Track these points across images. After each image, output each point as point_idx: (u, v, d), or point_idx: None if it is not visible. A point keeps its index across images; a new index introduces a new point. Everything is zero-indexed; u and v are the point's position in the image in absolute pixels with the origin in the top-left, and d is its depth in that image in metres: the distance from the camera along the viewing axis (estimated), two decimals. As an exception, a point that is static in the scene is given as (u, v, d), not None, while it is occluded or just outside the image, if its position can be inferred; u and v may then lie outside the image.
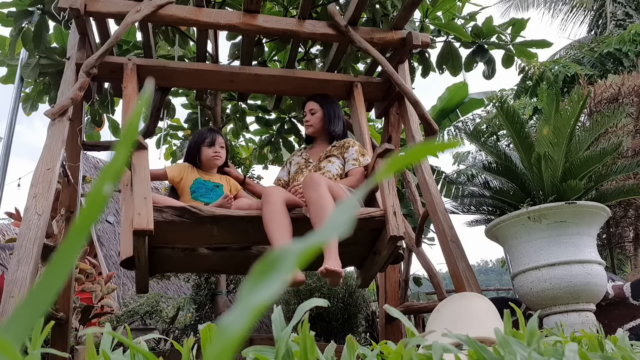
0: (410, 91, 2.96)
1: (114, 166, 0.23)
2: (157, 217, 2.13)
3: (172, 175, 2.67)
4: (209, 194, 2.65)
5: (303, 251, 0.23)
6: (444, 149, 0.29)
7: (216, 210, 2.29)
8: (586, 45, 9.18)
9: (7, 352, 0.22)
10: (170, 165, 2.76)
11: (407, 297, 3.46)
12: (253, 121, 4.70)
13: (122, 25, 2.65)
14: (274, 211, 2.23)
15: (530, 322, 0.78)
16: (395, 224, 2.28)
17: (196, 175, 2.70)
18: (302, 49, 3.80)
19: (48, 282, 0.22)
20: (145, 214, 2.05)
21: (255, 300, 0.22)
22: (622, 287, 3.40)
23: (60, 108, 2.51)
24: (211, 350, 0.22)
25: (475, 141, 3.50)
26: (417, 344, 0.73)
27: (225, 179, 2.80)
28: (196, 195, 2.63)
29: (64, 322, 2.98)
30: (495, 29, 3.62)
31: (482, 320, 1.73)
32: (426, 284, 6.37)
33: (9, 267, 2.03)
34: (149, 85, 0.27)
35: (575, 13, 12.93)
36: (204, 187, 2.67)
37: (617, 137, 4.45)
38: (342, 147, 2.78)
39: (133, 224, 2.03)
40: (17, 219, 4.28)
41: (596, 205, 2.68)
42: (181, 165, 2.75)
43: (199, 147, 2.76)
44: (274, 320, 0.68)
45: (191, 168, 2.74)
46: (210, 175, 2.75)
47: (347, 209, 0.25)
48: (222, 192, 2.66)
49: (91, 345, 0.64)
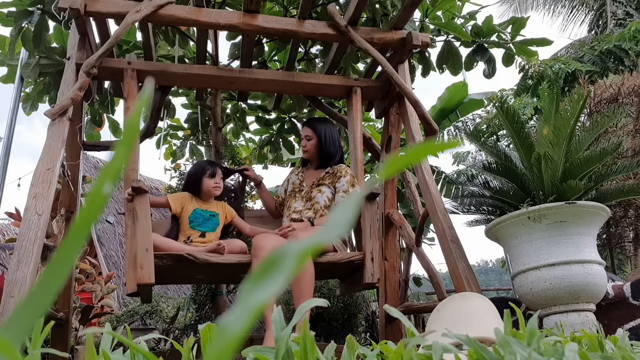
0: (410, 91, 2.96)
1: (113, 166, 0.23)
2: (157, 263, 2.35)
3: (175, 206, 2.89)
4: (206, 223, 2.89)
5: (302, 252, 0.23)
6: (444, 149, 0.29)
7: (210, 257, 2.48)
8: (587, 44, 9.18)
9: (7, 351, 0.22)
10: (172, 196, 2.97)
11: (407, 297, 3.46)
12: (253, 121, 4.70)
13: (122, 25, 2.65)
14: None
15: (530, 322, 0.78)
16: (372, 271, 2.53)
17: (195, 206, 2.92)
18: (302, 49, 3.80)
19: (48, 281, 0.22)
20: (147, 267, 2.27)
21: (255, 300, 0.22)
22: (622, 287, 3.40)
23: (60, 108, 2.51)
24: (211, 350, 0.22)
25: (475, 141, 3.50)
26: (417, 344, 0.73)
27: (220, 207, 3.01)
28: (194, 225, 2.86)
29: (64, 322, 2.98)
30: (495, 27, 3.61)
31: (482, 320, 1.73)
32: (426, 284, 6.37)
33: (9, 267, 2.03)
34: (148, 84, 0.27)
35: (575, 13, 12.94)
36: (201, 217, 2.91)
37: (617, 137, 4.45)
38: (334, 176, 2.95)
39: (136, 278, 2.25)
40: (17, 219, 4.28)
41: (596, 205, 2.68)
42: (182, 196, 2.96)
43: (200, 179, 2.95)
44: (274, 320, 0.68)
45: (191, 198, 2.95)
46: (207, 205, 2.96)
47: (347, 209, 0.25)
48: (217, 221, 2.93)
49: (91, 345, 0.64)
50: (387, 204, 3.42)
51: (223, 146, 4.52)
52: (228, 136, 5.08)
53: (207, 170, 2.97)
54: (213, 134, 4.34)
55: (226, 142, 5.01)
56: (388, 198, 3.43)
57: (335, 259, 2.63)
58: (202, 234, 2.84)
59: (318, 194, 2.91)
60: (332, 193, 2.92)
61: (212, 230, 2.89)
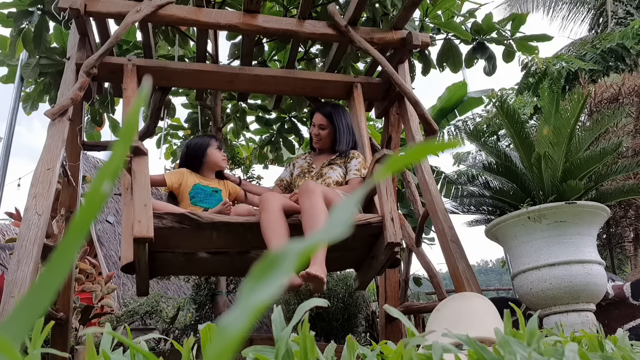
0: (410, 91, 2.95)
1: (112, 165, 0.23)
2: (157, 224, 2.16)
3: (171, 181, 2.69)
4: (208, 199, 2.68)
5: (302, 252, 0.23)
6: (444, 149, 0.29)
7: (215, 216, 2.31)
8: (588, 43, 9.16)
9: (7, 351, 0.22)
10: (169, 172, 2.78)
11: (407, 297, 3.46)
12: (253, 120, 4.70)
13: (122, 25, 2.65)
14: (271, 218, 2.24)
15: (530, 322, 0.78)
16: (393, 231, 2.28)
17: (195, 180, 2.72)
18: (302, 49, 3.80)
19: (47, 280, 0.22)
20: (145, 221, 2.08)
21: (255, 300, 0.22)
22: (622, 287, 3.40)
23: (60, 108, 2.51)
24: (211, 350, 0.22)
25: (475, 141, 3.49)
26: (417, 344, 0.73)
27: (223, 184, 2.82)
28: (195, 201, 2.66)
29: (64, 322, 2.98)
30: (495, 25, 3.62)
31: (482, 320, 1.73)
32: (426, 284, 6.37)
33: (9, 267, 2.03)
34: (146, 82, 0.27)
35: (575, 12, 12.93)
36: (203, 192, 2.70)
37: (617, 137, 4.45)
38: (346, 156, 2.80)
39: (133, 232, 2.06)
40: (17, 219, 4.28)
41: (596, 205, 2.68)
42: (179, 171, 2.76)
43: (205, 150, 2.78)
44: (274, 320, 0.68)
45: (189, 173, 2.75)
46: (208, 181, 2.77)
47: (346, 210, 0.25)
48: (220, 197, 2.69)
49: (91, 345, 0.64)
50: (387, 204, 3.42)
51: (223, 146, 4.52)
52: (228, 136, 5.08)
53: (213, 142, 2.82)
54: (213, 133, 4.34)
55: (226, 142, 5.01)
56: (388, 198, 3.43)
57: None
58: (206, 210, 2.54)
59: (330, 170, 2.75)
60: (344, 172, 2.76)
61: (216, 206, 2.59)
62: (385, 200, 2.36)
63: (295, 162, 3.02)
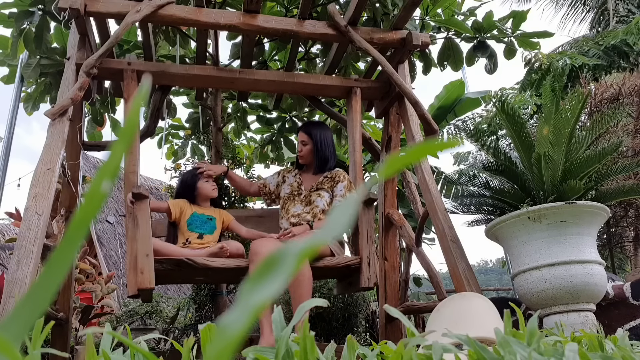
0: (410, 91, 2.96)
1: (111, 164, 0.23)
2: (157, 267, 2.38)
3: (175, 212, 2.96)
4: (203, 226, 2.98)
5: (301, 252, 0.23)
6: (444, 149, 0.29)
7: (209, 262, 2.51)
8: (591, 40, 9.14)
9: (7, 351, 0.22)
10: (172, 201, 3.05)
11: (407, 297, 3.45)
12: (254, 120, 4.70)
13: (122, 26, 2.65)
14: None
15: (530, 322, 0.78)
16: (368, 275, 2.57)
17: (192, 210, 3.01)
18: (303, 49, 3.80)
19: (47, 280, 0.22)
20: (147, 272, 2.30)
21: (255, 300, 0.22)
22: (622, 287, 3.40)
23: (60, 108, 2.51)
24: (211, 350, 0.22)
25: (475, 141, 3.49)
26: (417, 344, 0.73)
27: (217, 212, 3.08)
28: (192, 227, 2.94)
29: (64, 322, 2.98)
30: (496, 23, 3.61)
31: (482, 320, 1.73)
32: (426, 284, 6.37)
33: (9, 267, 2.03)
34: (145, 82, 0.27)
35: (575, 11, 12.91)
36: (199, 220, 2.99)
37: (617, 137, 4.45)
38: (333, 180, 2.99)
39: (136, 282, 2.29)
40: (17, 219, 4.28)
41: (596, 205, 2.68)
42: (181, 202, 3.04)
43: (195, 185, 3.06)
44: (274, 320, 0.68)
45: (187, 203, 3.03)
46: (204, 209, 3.05)
47: (342, 217, 0.25)
48: (214, 224, 3.01)
49: (91, 345, 0.64)
50: (387, 204, 3.42)
51: (224, 146, 4.52)
52: (229, 135, 5.08)
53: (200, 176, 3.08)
54: (213, 133, 4.34)
55: (227, 141, 5.01)
56: (388, 198, 3.43)
57: (332, 263, 2.65)
58: (200, 236, 2.92)
59: (317, 197, 2.95)
60: (331, 197, 2.97)
61: (209, 233, 2.96)
62: (365, 244, 2.62)
63: (285, 176, 3.19)
